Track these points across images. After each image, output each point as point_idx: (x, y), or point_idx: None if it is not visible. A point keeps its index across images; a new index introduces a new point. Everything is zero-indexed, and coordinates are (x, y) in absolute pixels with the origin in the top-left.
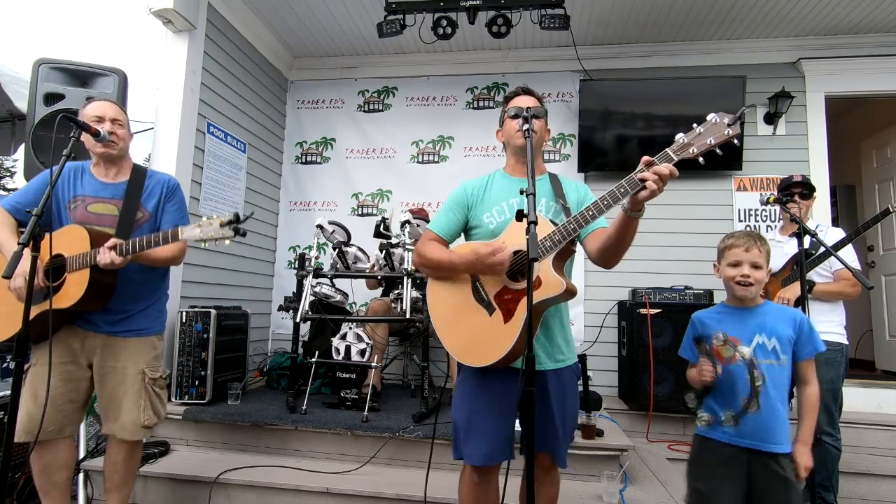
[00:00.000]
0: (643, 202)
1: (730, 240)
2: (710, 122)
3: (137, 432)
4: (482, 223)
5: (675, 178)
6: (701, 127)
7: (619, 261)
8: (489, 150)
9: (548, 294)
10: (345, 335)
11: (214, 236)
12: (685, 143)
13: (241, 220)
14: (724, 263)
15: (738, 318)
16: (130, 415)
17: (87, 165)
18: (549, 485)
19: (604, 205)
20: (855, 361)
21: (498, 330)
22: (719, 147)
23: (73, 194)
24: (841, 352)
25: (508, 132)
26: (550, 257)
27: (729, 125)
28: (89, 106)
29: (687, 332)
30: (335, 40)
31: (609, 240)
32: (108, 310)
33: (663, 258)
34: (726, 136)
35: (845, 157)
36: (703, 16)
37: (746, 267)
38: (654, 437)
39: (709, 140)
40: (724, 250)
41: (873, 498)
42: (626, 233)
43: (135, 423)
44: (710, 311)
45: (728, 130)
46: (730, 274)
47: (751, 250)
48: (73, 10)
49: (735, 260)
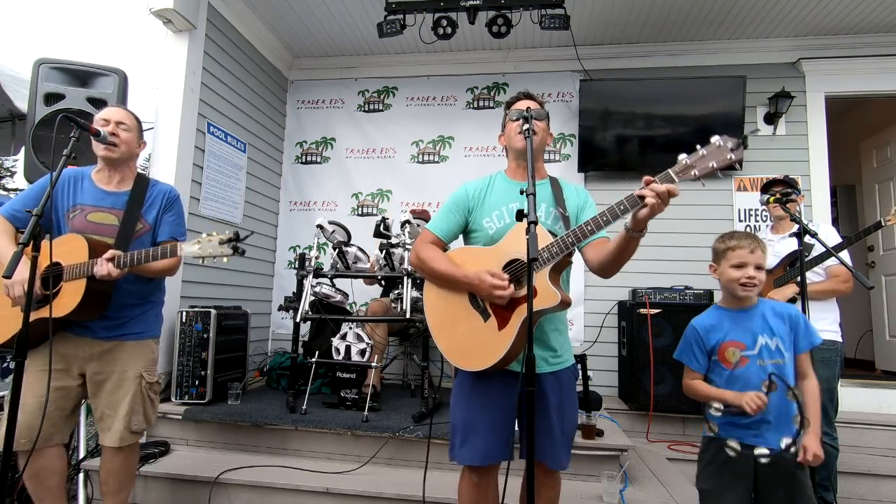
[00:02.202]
0: (644, 221)
1: (732, 241)
2: (714, 144)
3: (127, 438)
4: (482, 227)
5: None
6: (704, 149)
7: (616, 273)
8: (489, 150)
9: (543, 305)
10: (345, 335)
11: (213, 253)
12: (687, 165)
13: (241, 239)
14: (725, 265)
15: (738, 320)
16: (123, 420)
17: (88, 172)
18: (549, 487)
19: (603, 221)
20: (855, 361)
21: (492, 336)
22: (720, 171)
23: (72, 203)
24: (836, 350)
25: (510, 135)
26: (547, 269)
27: (732, 150)
28: (100, 111)
29: (688, 340)
30: (335, 40)
31: (609, 254)
32: (104, 316)
33: (663, 258)
34: (728, 160)
35: (845, 157)
36: (703, 16)
37: (752, 268)
38: (654, 437)
39: (711, 163)
40: (725, 251)
41: (873, 498)
42: (625, 250)
43: (125, 429)
44: (708, 316)
45: (730, 155)
46: (734, 275)
47: (755, 251)
48: (73, 10)
49: (740, 261)
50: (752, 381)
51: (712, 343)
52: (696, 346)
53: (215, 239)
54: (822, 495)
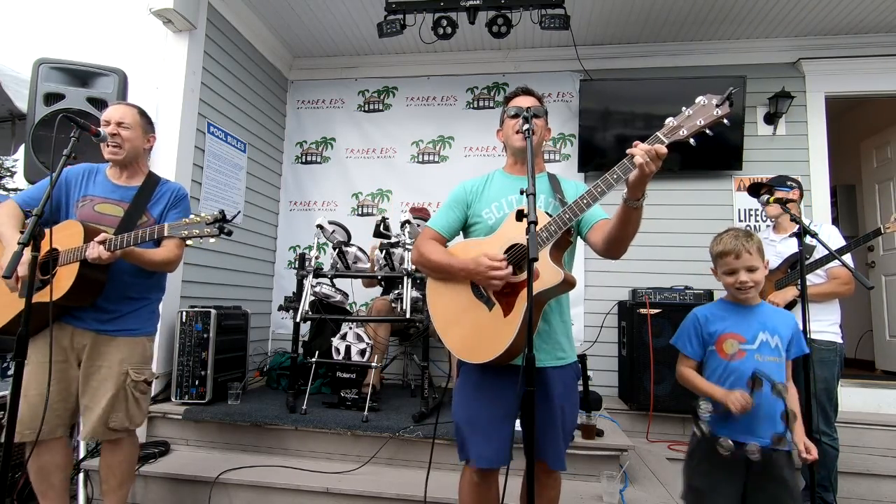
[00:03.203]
0: (638, 187)
1: (718, 247)
2: (699, 104)
3: (100, 433)
4: (481, 219)
5: (676, 178)
6: (690, 109)
7: (625, 251)
8: (489, 149)
9: (546, 285)
10: (345, 335)
11: (200, 234)
12: (675, 126)
13: (228, 220)
14: (719, 271)
15: (742, 315)
16: (100, 415)
17: (103, 167)
18: (550, 487)
19: (597, 192)
20: (855, 361)
21: (498, 324)
22: (709, 128)
23: (83, 193)
24: (835, 351)
25: (508, 132)
26: (548, 248)
27: (717, 105)
28: (105, 110)
29: (686, 326)
30: (335, 40)
31: (612, 231)
32: (98, 308)
33: (663, 258)
34: (715, 115)
35: (845, 157)
36: (704, 16)
37: (743, 273)
38: (654, 437)
39: (698, 121)
40: (716, 258)
41: (873, 498)
42: (627, 224)
43: (101, 424)
44: (711, 306)
45: (717, 111)
46: (727, 281)
47: (741, 256)
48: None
49: (729, 269)
50: (747, 375)
51: (711, 331)
52: (694, 332)
53: (202, 220)
54: (822, 495)
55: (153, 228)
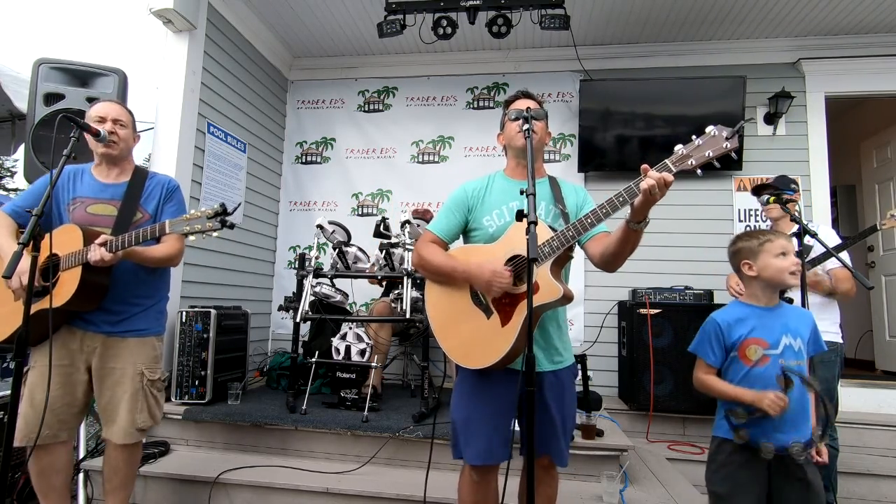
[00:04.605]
0: (642, 211)
1: (763, 236)
2: (709, 134)
3: (132, 435)
4: (482, 226)
5: (676, 178)
6: (700, 139)
7: (620, 266)
8: (489, 150)
9: (545, 300)
10: (345, 335)
11: (202, 229)
12: (684, 155)
13: (229, 213)
14: (767, 257)
15: (763, 318)
16: (127, 417)
17: (88, 168)
18: (547, 484)
19: (602, 213)
20: (855, 361)
21: (496, 332)
22: (717, 160)
23: (72, 196)
24: (836, 351)
25: (509, 134)
26: (548, 263)
27: (727, 138)
28: (93, 106)
29: (707, 332)
30: (335, 40)
31: (611, 248)
32: (107, 310)
33: (663, 258)
34: (724, 149)
35: (845, 157)
36: (704, 16)
37: (793, 255)
38: (654, 437)
39: (707, 153)
40: (763, 244)
41: (873, 498)
42: (626, 244)
43: (130, 426)
44: (730, 311)
45: (726, 144)
46: (782, 265)
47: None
48: (73, 10)
49: (783, 250)
50: (772, 381)
51: (734, 338)
52: (716, 338)
53: (203, 214)
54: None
55: (154, 227)
